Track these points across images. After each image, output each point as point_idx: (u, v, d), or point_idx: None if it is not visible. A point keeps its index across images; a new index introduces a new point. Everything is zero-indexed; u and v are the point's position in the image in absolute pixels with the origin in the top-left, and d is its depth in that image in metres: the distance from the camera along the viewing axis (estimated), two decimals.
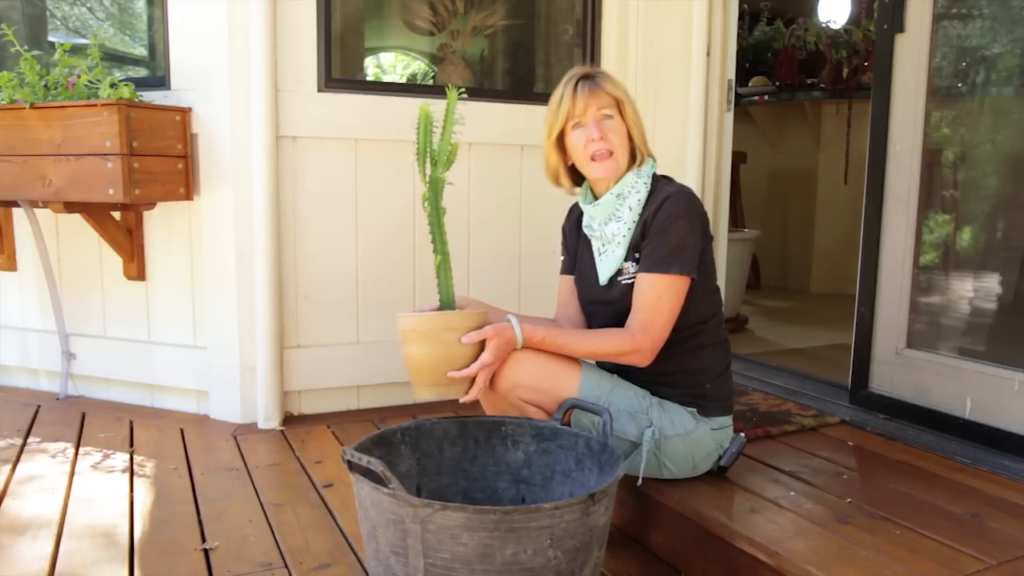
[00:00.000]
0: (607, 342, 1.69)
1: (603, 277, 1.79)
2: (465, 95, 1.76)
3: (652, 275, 1.67)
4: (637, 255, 1.72)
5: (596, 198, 1.80)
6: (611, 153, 1.72)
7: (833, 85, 4.73)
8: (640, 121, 1.78)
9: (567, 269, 1.95)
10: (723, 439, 1.83)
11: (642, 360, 1.68)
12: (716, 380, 1.81)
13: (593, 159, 1.72)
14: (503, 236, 2.83)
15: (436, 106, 2.78)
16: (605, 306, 1.81)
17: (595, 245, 1.82)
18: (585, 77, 1.73)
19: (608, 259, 1.78)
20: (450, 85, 1.73)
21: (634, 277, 1.72)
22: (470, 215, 2.76)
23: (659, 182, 1.77)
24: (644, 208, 1.73)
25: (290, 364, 2.55)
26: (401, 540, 1.31)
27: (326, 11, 2.50)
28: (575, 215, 1.93)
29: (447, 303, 1.74)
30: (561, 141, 1.78)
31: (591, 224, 1.82)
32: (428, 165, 1.72)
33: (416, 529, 1.28)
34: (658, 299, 1.65)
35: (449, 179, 2.43)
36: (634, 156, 1.77)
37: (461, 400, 1.67)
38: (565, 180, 1.84)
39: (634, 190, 1.74)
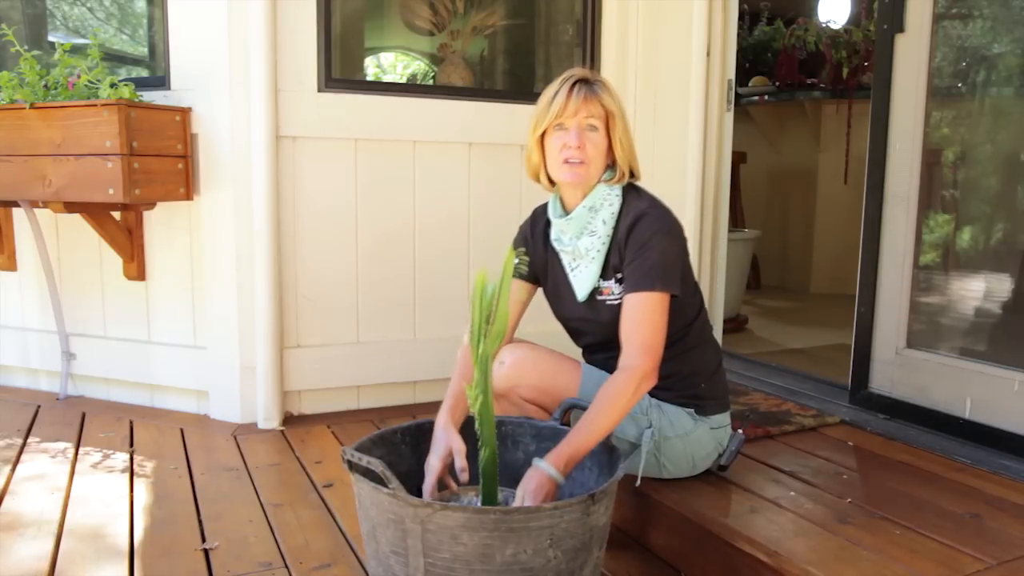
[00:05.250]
0: (624, 393, 1.54)
1: (580, 294, 1.73)
2: (526, 257, 1.66)
3: (639, 294, 1.61)
4: (619, 275, 1.67)
5: (566, 211, 1.73)
6: (583, 163, 1.64)
7: (833, 85, 4.73)
8: (629, 139, 1.69)
9: (516, 274, 1.73)
10: (722, 438, 1.83)
11: (652, 382, 1.59)
12: (710, 379, 1.80)
13: (564, 162, 1.65)
14: (503, 233, 2.81)
15: (438, 106, 2.78)
16: (593, 324, 1.76)
17: (565, 259, 1.76)
18: (584, 81, 1.66)
19: (582, 274, 1.72)
20: (512, 247, 1.49)
21: (620, 298, 1.66)
22: (470, 213, 2.76)
23: (628, 194, 1.71)
24: (617, 222, 1.68)
25: (290, 364, 2.55)
26: (401, 540, 1.31)
27: (326, 11, 2.49)
28: (542, 224, 1.82)
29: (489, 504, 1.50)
30: (544, 139, 1.71)
31: (560, 238, 1.74)
32: (481, 343, 1.43)
33: (416, 529, 1.28)
34: (651, 315, 1.60)
35: (450, 177, 2.37)
36: (611, 172, 1.70)
37: None
38: (544, 179, 1.75)
39: (607, 202, 1.68)
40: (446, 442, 1.55)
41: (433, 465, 1.54)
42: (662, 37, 2.98)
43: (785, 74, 4.91)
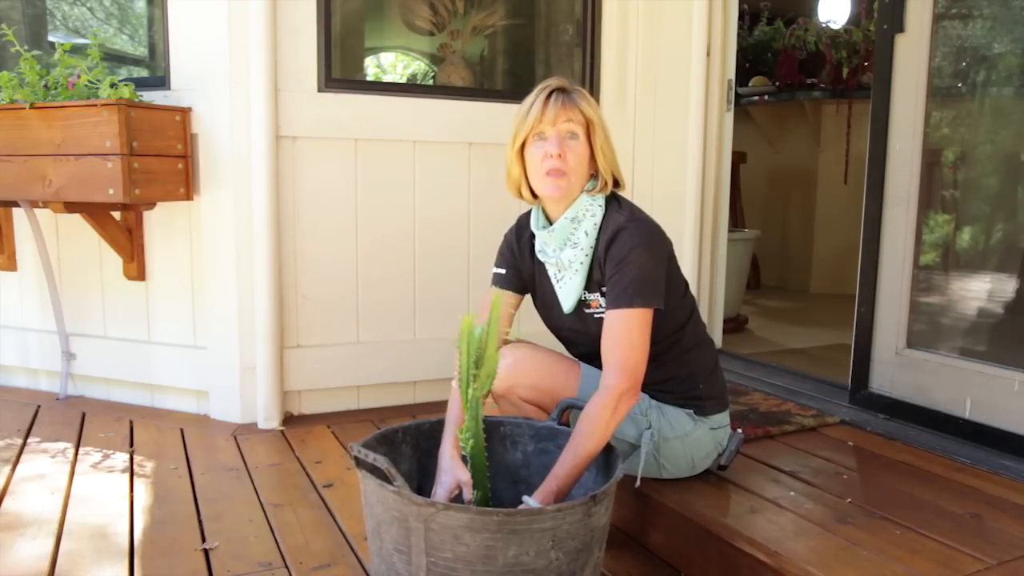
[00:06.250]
0: (602, 416, 1.52)
1: (566, 305, 1.72)
2: (514, 295, 1.74)
3: (618, 311, 1.59)
4: (603, 289, 1.65)
5: (549, 222, 1.71)
6: (564, 174, 1.61)
7: (833, 85, 4.73)
8: (610, 147, 1.67)
9: (503, 284, 1.81)
10: (722, 438, 1.83)
11: (633, 399, 1.57)
12: (708, 379, 1.80)
13: (547, 175, 1.62)
14: (502, 234, 2.82)
15: (438, 106, 2.77)
16: (583, 336, 1.75)
17: (550, 271, 1.75)
18: (560, 90, 1.64)
19: (567, 286, 1.71)
20: (496, 287, 1.47)
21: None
22: (470, 213, 2.76)
23: (610, 205, 1.68)
24: (598, 235, 1.66)
25: (290, 364, 2.55)
26: (405, 538, 1.31)
27: (326, 11, 2.49)
28: (527, 234, 1.80)
29: None
30: (523, 151, 1.67)
31: (544, 249, 1.73)
32: (470, 387, 1.43)
33: (419, 528, 1.28)
34: (629, 334, 1.58)
35: (450, 177, 2.34)
36: (593, 181, 1.68)
37: None
38: (526, 192, 1.72)
39: (589, 213, 1.66)
40: (453, 476, 1.54)
41: (440, 498, 1.52)
42: (662, 37, 2.98)
43: (785, 74, 4.91)
